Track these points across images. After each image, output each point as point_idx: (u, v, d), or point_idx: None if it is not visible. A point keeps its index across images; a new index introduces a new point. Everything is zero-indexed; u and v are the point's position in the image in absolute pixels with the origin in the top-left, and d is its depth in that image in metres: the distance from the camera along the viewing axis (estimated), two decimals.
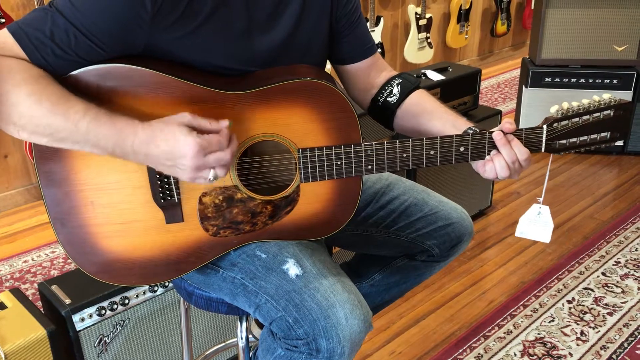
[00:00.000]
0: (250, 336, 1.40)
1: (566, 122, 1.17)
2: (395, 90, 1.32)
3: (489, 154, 1.17)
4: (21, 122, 1.01)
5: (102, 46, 1.03)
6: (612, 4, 3.26)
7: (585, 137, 1.19)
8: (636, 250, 2.59)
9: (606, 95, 1.19)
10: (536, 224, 1.27)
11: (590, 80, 3.36)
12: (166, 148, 1.01)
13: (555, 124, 1.17)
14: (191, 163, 1.02)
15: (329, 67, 1.37)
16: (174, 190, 1.14)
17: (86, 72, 1.05)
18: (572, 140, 1.19)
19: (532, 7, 3.75)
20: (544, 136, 1.17)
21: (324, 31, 1.27)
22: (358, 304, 1.13)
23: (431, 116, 1.27)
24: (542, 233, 1.27)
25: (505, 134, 1.15)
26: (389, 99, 1.32)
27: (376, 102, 1.34)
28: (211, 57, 1.12)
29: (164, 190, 1.13)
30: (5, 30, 1.01)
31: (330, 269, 1.18)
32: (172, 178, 1.13)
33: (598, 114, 1.18)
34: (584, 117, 1.17)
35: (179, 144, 1.00)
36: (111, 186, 1.11)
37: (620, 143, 3.40)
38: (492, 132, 1.16)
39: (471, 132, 1.19)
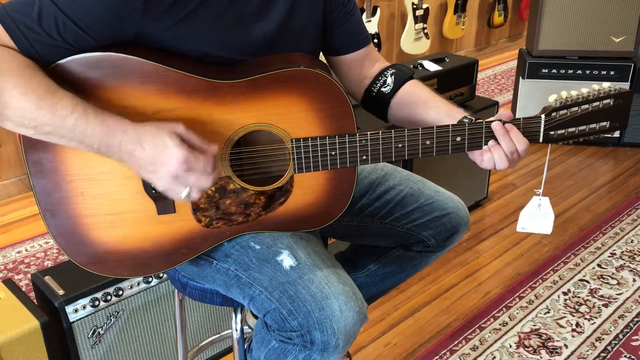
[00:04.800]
0: (245, 327, 1.39)
1: (565, 111, 1.15)
2: (389, 80, 1.30)
3: (486, 144, 1.15)
4: (6, 113, 0.98)
5: (91, 34, 1.01)
6: None
7: (584, 127, 1.17)
8: (632, 242, 2.59)
9: (606, 84, 1.16)
10: (537, 217, 1.25)
11: (587, 72, 3.35)
12: (152, 153, 0.99)
13: (553, 114, 1.15)
14: (172, 172, 0.99)
15: (322, 58, 1.35)
16: None
17: (75, 60, 1.02)
18: (570, 130, 1.17)
19: None
20: (542, 126, 1.15)
21: (318, 19, 1.25)
22: (353, 296, 1.11)
23: (425, 106, 1.26)
24: (543, 225, 1.25)
25: (503, 123, 1.14)
26: (382, 89, 1.30)
27: (370, 92, 1.33)
28: (203, 46, 1.10)
29: None
30: None
31: (325, 260, 1.17)
32: None
33: (597, 103, 1.16)
34: (583, 107, 1.15)
35: (166, 151, 0.99)
36: (102, 176, 1.09)
37: (616, 134, 3.40)
38: (490, 121, 1.14)
39: (467, 121, 1.18)
